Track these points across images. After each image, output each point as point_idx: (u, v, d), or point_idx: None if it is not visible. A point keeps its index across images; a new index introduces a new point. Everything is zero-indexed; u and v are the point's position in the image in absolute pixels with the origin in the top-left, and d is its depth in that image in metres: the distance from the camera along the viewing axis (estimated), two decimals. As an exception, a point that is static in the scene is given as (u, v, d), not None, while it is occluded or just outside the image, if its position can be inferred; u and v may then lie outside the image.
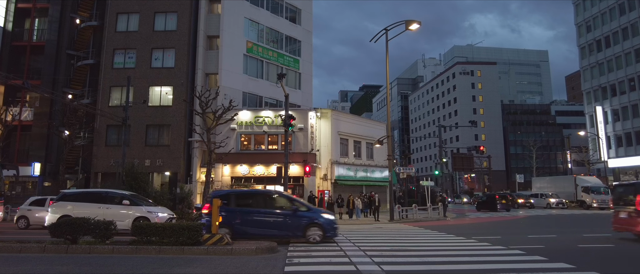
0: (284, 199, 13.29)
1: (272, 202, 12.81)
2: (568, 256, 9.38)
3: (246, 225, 11.87)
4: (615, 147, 51.71)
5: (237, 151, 28.83)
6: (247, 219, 11.96)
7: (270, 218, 12.18)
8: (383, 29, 23.72)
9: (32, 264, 8.32)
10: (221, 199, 11.79)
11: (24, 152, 29.59)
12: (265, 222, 12.08)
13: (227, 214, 11.75)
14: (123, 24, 30.87)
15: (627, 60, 50.33)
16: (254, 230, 11.86)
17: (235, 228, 11.72)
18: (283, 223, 12.07)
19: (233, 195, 12.99)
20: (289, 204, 12.59)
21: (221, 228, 11.44)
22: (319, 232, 11.90)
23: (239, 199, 12.80)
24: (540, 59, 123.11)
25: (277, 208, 12.51)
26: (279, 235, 11.98)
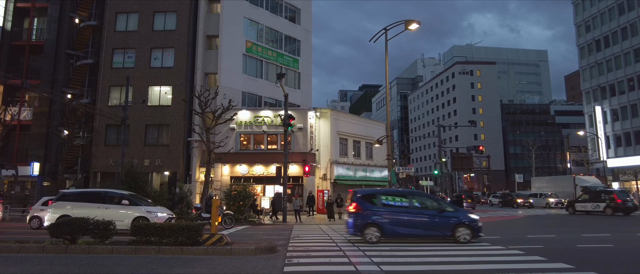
0: (430, 199, 13.33)
1: (418, 202, 12.73)
2: (567, 256, 9.40)
3: (395, 225, 11.94)
4: (614, 147, 51.75)
5: (237, 151, 28.82)
6: (396, 219, 12.01)
7: (418, 218, 12.17)
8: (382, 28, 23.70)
9: (31, 265, 8.31)
10: (368, 199, 12.19)
11: (23, 152, 29.55)
12: (414, 222, 12.09)
13: (375, 214, 11.91)
14: (122, 24, 30.84)
15: (627, 60, 50.34)
16: (403, 230, 11.97)
17: (384, 227, 11.83)
18: (431, 223, 12.10)
19: (379, 194, 12.95)
20: (436, 204, 12.64)
21: (370, 227, 11.71)
22: (467, 231, 11.93)
23: (384, 199, 12.75)
24: (540, 58, 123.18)
25: (423, 208, 12.49)
26: (427, 235, 12.10)
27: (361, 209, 11.99)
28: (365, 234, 11.77)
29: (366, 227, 11.77)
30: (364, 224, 11.81)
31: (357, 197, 12.39)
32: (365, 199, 12.35)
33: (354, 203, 12.17)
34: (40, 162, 28.42)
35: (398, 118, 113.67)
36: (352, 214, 12.07)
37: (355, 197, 12.40)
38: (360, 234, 11.89)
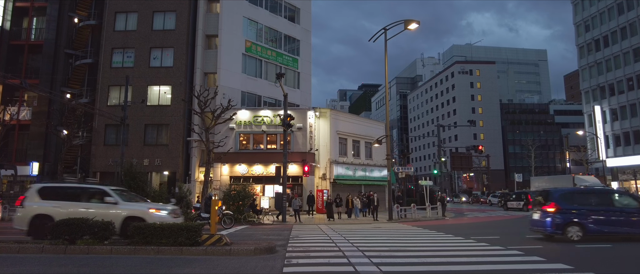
0: (628, 197, 13.45)
1: (615, 201, 12.84)
2: (566, 256, 9.41)
3: (598, 224, 12.12)
4: (613, 146, 51.81)
5: (236, 151, 28.80)
6: (598, 218, 12.18)
7: (619, 217, 12.31)
8: (382, 28, 23.72)
9: (31, 265, 8.30)
10: (567, 198, 12.47)
11: (22, 152, 29.53)
12: (616, 221, 12.25)
13: (578, 213, 12.14)
14: (121, 23, 30.81)
15: (626, 60, 50.39)
16: (608, 228, 12.15)
17: (588, 226, 12.03)
18: (633, 221, 12.24)
19: (576, 194, 13.26)
20: (635, 202, 12.77)
21: (572, 226, 11.93)
22: None
23: (581, 198, 12.89)
24: (539, 58, 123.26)
25: (621, 206, 12.63)
26: (631, 233, 12.28)
27: (561, 208, 12.22)
28: (567, 232, 12.05)
29: (568, 226, 12.06)
30: (566, 223, 12.09)
31: (555, 197, 12.62)
32: (564, 199, 12.59)
33: (552, 202, 12.41)
34: (40, 162, 28.40)
35: (397, 118, 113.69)
36: (550, 213, 12.29)
37: (554, 197, 12.62)
38: (561, 232, 12.12)
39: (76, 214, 11.03)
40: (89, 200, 12.23)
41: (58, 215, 11.20)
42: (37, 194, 12.13)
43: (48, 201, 11.94)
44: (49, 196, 12.12)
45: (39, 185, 12.74)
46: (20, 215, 11.86)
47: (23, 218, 11.71)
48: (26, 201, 11.99)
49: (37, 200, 11.99)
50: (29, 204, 11.84)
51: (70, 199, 12.22)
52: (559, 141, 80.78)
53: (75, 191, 12.77)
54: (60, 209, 11.57)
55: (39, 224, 11.33)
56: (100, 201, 12.08)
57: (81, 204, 12.00)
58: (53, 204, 11.87)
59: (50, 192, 12.34)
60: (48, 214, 11.53)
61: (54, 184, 13.29)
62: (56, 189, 12.78)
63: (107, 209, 11.80)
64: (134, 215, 11.78)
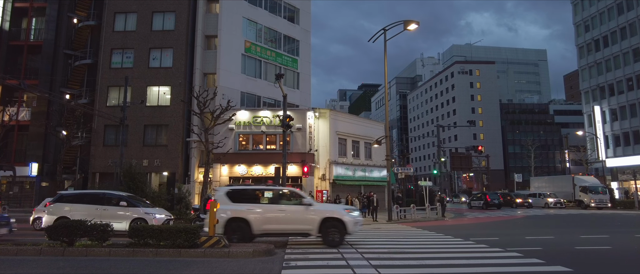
0: None
1: None
2: (565, 258, 9.39)
3: None
4: (613, 146, 51.80)
5: (235, 151, 28.78)
6: None
7: None
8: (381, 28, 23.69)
9: (29, 267, 8.29)
10: None
11: (21, 152, 29.51)
12: None
13: None
14: (121, 24, 30.78)
15: (625, 60, 50.38)
16: None
17: None
18: None
19: None
20: None
21: None
22: None
23: None
24: (539, 58, 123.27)
25: None
26: None
27: None
28: None
29: None
30: None
31: None
32: None
33: None
34: (39, 162, 28.39)
35: (397, 118, 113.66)
36: None
37: None
38: None
39: (272, 214, 11.68)
40: (278, 202, 12.25)
41: (253, 218, 11.58)
42: (226, 197, 12.13)
43: (239, 204, 11.98)
44: (238, 199, 12.17)
45: (226, 188, 12.73)
46: (218, 218, 11.75)
47: (220, 220, 11.65)
48: (220, 205, 11.88)
49: (228, 203, 11.96)
50: (224, 208, 11.73)
51: (258, 201, 12.29)
52: (558, 141, 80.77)
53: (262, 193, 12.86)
54: (254, 211, 11.79)
55: (234, 226, 11.56)
56: (298, 202, 12.13)
57: (277, 206, 12.07)
58: (246, 206, 11.95)
59: (237, 195, 12.38)
60: (243, 217, 11.65)
61: (240, 187, 13.21)
62: (242, 192, 12.79)
63: (305, 213, 11.82)
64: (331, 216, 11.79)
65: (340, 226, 11.65)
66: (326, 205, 13.03)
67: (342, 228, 11.65)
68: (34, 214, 17.70)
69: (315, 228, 11.58)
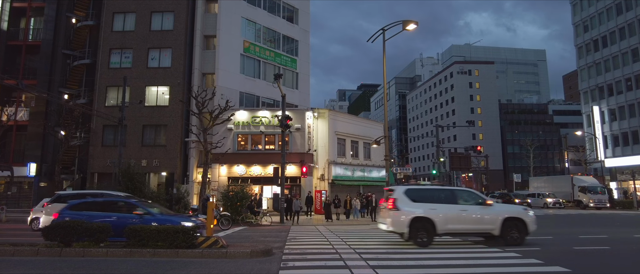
0: None
1: None
2: (564, 259, 9.37)
3: None
4: (612, 146, 51.83)
5: (234, 151, 28.75)
6: None
7: None
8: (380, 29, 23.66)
9: (25, 268, 8.25)
10: None
11: (19, 153, 29.45)
12: None
13: None
14: (119, 24, 30.74)
15: (624, 60, 50.41)
16: None
17: None
18: None
19: None
20: None
21: None
22: None
23: None
24: (538, 58, 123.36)
25: None
26: None
27: None
28: None
29: None
30: None
31: None
32: None
33: None
34: (37, 162, 28.34)
35: (396, 118, 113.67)
36: None
37: None
38: None
39: (454, 214, 11.74)
40: (457, 201, 12.16)
41: (436, 218, 11.58)
42: (406, 196, 12.07)
43: (420, 204, 11.92)
44: (417, 198, 12.07)
45: (404, 187, 12.62)
46: (402, 219, 11.70)
47: (404, 221, 11.66)
48: (401, 204, 11.91)
49: (409, 203, 11.95)
50: (408, 209, 11.77)
51: (437, 200, 12.14)
52: (557, 141, 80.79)
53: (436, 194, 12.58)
54: (437, 210, 11.77)
55: (419, 226, 11.61)
56: (477, 202, 12.11)
57: (458, 206, 11.99)
58: (428, 206, 11.87)
59: (416, 194, 12.27)
60: (427, 216, 11.65)
61: (418, 187, 13.05)
62: (420, 191, 12.57)
63: (486, 213, 11.85)
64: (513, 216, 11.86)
65: (521, 225, 11.77)
66: (505, 205, 13.16)
67: (523, 227, 11.77)
68: (32, 214, 17.65)
69: (498, 228, 11.69)
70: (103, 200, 13.18)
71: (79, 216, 11.03)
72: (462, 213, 11.86)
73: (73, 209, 11.62)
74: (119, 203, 12.43)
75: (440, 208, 11.87)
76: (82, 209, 11.67)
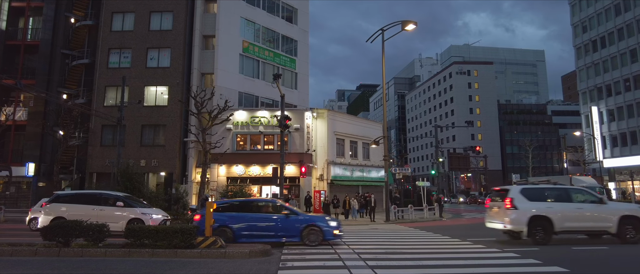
0: None
1: None
2: (562, 259, 9.39)
3: None
4: (610, 147, 51.92)
5: (233, 151, 28.74)
6: None
7: None
8: (379, 29, 23.70)
9: (23, 268, 8.24)
10: None
11: (18, 152, 29.39)
12: None
13: None
14: (118, 24, 30.70)
15: (623, 61, 50.51)
16: None
17: None
18: None
19: None
20: None
21: None
22: None
23: None
24: (537, 58, 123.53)
25: None
26: None
27: None
28: None
29: None
30: None
31: None
32: None
33: None
34: (36, 162, 28.27)
35: (395, 118, 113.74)
36: None
37: None
38: None
39: (571, 212, 11.81)
40: (571, 199, 12.31)
41: (554, 216, 11.73)
42: (522, 195, 12.16)
43: (536, 202, 12.06)
44: (533, 197, 12.20)
45: (519, 187, 12.68)
46: (521, 217, 11.75)
47: (522, 220, 11.73)
48: (519, 203, 11.98)
49: (526, 201, 12.04)
50: (526, 207, 11.86)
51: (553, 199, 12.29)
52: (556, 141, 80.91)
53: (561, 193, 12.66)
54: (555, 209, 11.90)
55: (537, 224, 11.74)
56: (592, 200, 12.30)
57: (574, 205, 12.13)
58: (546, 205, 12.05)
59: (531, 193, 12.36)
60: (545, 215, 11.80)
61: (533, 186, 13.13)
62: (536, 190, 12.64)
63: (602, 211, 12.09)
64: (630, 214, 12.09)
65: (637, 223, 11.87)
66: (621, 203, 13.20)
67: (639, 225, 11.90)
68: (30, 214, 17.58)
69: (614, 226, 11.81)
70: (249, 200, 14.23)
71: (224, 218, 11.74)
72: (578, 211, 12.02)
73: (218, 211, 11.92)
74: (264, 203, 13.07)
75: (556, 206, 12.02)
76: (227, 210, 12.18)
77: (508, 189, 12.61)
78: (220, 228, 11.51)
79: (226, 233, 11.50)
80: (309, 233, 11.67)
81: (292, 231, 11.70)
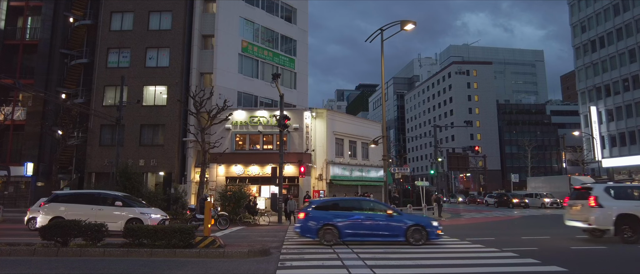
0: None
1: None
2: (561, 258, 9.39)
3: None
4: (609, 147, 51.98)
5: (232, 151, 28.72)
6: None
7: None
8: (378, 29, 23.66)
9: (21, 268, 8.23)
10: None
11: (16, 152, 29.35)
12: None
13: None
14: (117, 23, 30.66)
15: (621, 61, 50.57)
16: None
17: None
18: None
19: None
20: None
21: None
22: None
23: None
24: (536, 58, 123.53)
25: None
26: None
27: None
28: None
29: None
30: None
31: None
32: None
33: None
34: (34, 162, 28.23)
35: (394, 118, 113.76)
36: None
37: None
38: None
39: None
40: None
41: None
42: (607, 193, 12.29)
43: (623, 201, 12.17)
44: (620, 196, 12.29)
45: (603, 185, 12.81)
46: (607, 216, 11.88)
47: (609, 218, 11.87)
48: (604, 202, 12.13)
49: (612, 200, 12.20)
50: (613, 206, 12.03)
51: None
52: (555, 141, 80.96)
53: None
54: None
55: (625, 223, 11.84)
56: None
57: None
58: (633, 204, 12.03)
59: (618, 191, 12.42)
60: (633, 213, 11.84)
61: (619, 185, 13.33)
62: (622, 189, 12.73)
63: None
64: None
65: None
66: None
67: None
68: (29, 214, 17.53)
69: None
70: (354, 199, 14.98)
71: (329, 216, 12.02)
72: None
73: (319, 209, 12.39)
74: (368, 203, 13.23)
75: None
76: (331, 209, 12.46)
77: (592, 188, 12.74)
78: (325, 226, 11.80)
79: (332, 231, 11.78)
80: (414, 233, 11.88)
81: (397, 230, 11.93)
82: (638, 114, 48.50)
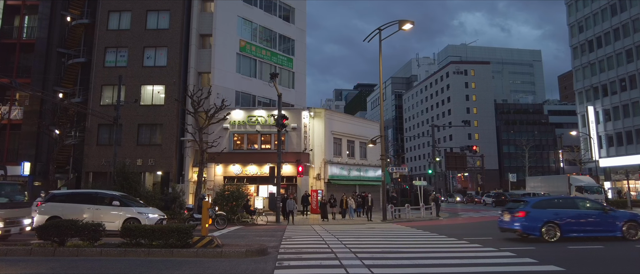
0: None
1: None
2: (558, 258, 9.41)
3: None
4: (606, 146, 52.13)
5: (230, 151, 28.68)
6: None
7: None
8: (376, 28, 23.70)
9: (18, 268, 8.19)
10: None
11: (13, 152, 29.22)
12: None
13: None
14: (115, 22, 30.56)
15: (619, 61, 50.71)
16: None
17: None
18: None
19: None
20: None
21: None
22: None
23: None
24: (533, 58, 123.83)
25: None
26: None
27: None
28: None
29: None
30: None
31: None
32: None
33: None
34: (31, 162, 28.11)
35: (393, 117, 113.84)
36: None
37: None
38: None
39: None
40: None
41: None
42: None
43: None
44: None
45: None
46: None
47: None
48: None
49: None
50: None
51: None
52: (553, 141, 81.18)
53: None
54: None
55: None
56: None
57: None
58: None
59: None
60: None
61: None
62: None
63: None
64: None
65: None
66: None
67: None
68: None
69: None
70: (569, 197, 15.34)
71: (550, 214, 12.45)
72: None
73: (536, 208, 12.76)
74: (583, 200, 13.74)
75: None
76: (546, 207, 12.84)
77: None
78: (548, 223, 12.30)
79: (554, 229, 12.30)
80: (629, 228, 12.37)
81: (612, 226, 12.45)
82: (635, 114, 48.66)
